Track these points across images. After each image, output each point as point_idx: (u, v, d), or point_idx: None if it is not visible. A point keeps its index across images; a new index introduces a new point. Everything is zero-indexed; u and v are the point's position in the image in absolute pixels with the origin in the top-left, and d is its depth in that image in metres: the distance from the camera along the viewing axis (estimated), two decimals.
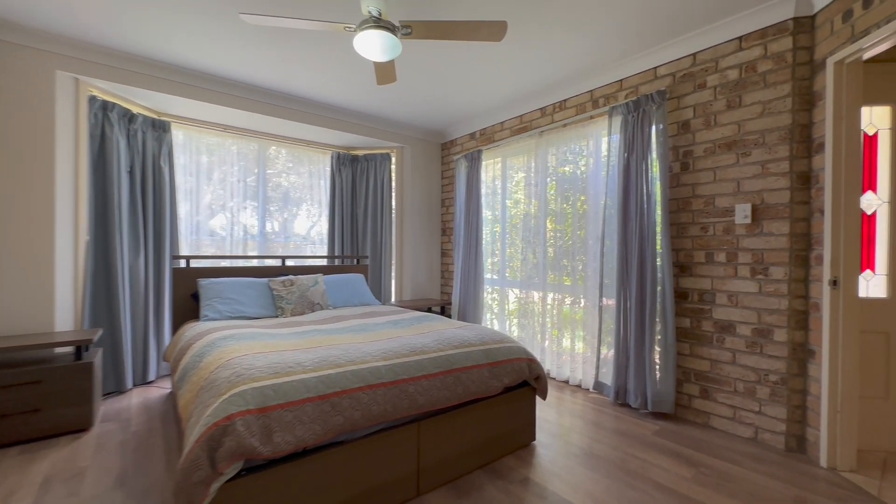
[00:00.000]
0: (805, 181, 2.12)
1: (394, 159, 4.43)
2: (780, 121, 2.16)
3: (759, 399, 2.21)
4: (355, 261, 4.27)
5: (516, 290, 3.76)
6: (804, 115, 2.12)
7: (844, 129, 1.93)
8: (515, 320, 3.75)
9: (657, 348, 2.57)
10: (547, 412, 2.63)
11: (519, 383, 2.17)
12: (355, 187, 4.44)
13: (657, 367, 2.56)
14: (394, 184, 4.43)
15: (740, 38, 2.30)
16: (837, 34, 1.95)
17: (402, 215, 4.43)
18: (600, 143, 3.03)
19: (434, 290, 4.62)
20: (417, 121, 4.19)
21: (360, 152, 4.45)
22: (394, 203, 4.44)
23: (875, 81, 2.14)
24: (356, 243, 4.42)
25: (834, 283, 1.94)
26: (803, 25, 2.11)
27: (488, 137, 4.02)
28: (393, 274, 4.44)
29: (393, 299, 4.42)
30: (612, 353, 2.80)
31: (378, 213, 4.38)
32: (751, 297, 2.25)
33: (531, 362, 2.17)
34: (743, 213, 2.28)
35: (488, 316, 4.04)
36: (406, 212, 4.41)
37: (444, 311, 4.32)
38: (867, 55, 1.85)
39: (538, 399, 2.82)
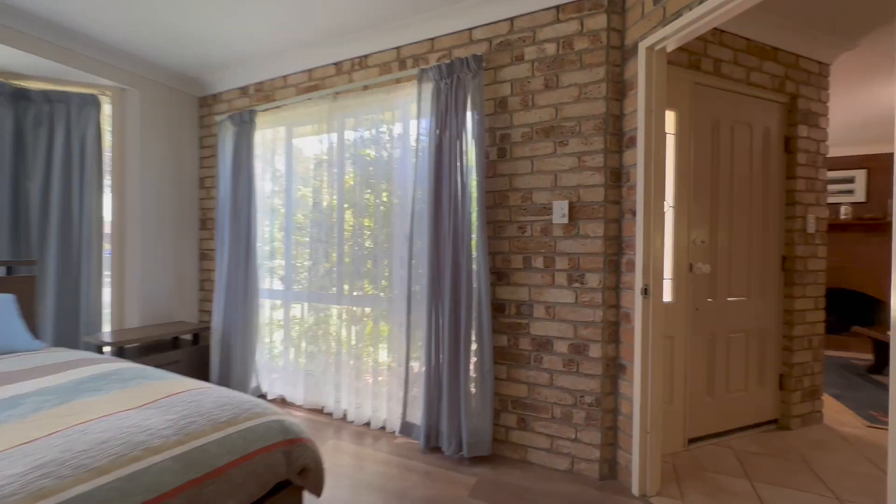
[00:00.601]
0: (617, 178, 1.93)
1: (109, 107, 2.81)
2: (596, 108, 1.91)
3: (574, 424, 1.94)
4: (5, 269, 2.49)
5: (305, 305, 2.81)
6: (616, 105, 1.92)
7: (654, 123, 1.77)
8: (304, 346, 2.80)
9: (473, 374, 2.09)
10: (337, 484, 1.82)
11: (274, 486, 1.27)
12: (23, 142, 2.61)
13: (472, 398, 2.08)
14: (108, 144, 2.81)
15: (558, 8, 1.98)
16: (649, 17, 1.76)
17: (123, 195, 2.85)
18: (409, 118, 2.38)
19: (187, 308, 3.19)
20: (155, 54, 2.71)
21: (36, 85, 2.64)
22: (109, 175, 2.82)
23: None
24: (22, 237, 2.61)
25: (645, 291, 1.76)
26: (616, 4, 1.91)
27: (267, 95, 2.91)
28: (108, 287, 2.83)
29: (107, 328, 2.81)
30: (422, 384, 2.20)
31: (73, 188, 2.69)
32: (567, 308, 1.97)
33: (292, 446, 1.30)
34: (560, 211, 1.97)
35: (267, 341, 2.95)
36: (131, 190, 2.85)
37: (197, 340, 2.98)
38: (675, 42, 1.70)
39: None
